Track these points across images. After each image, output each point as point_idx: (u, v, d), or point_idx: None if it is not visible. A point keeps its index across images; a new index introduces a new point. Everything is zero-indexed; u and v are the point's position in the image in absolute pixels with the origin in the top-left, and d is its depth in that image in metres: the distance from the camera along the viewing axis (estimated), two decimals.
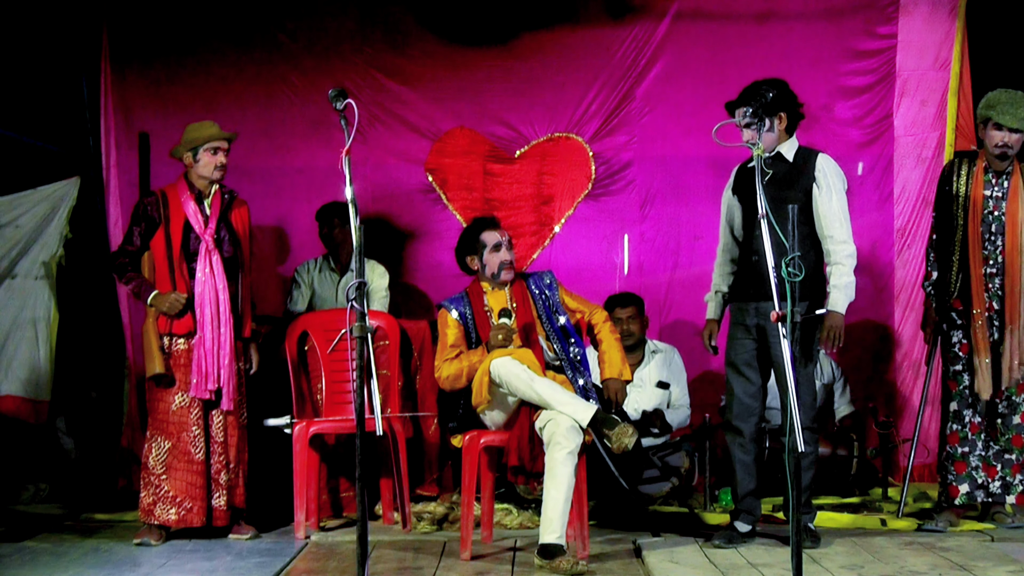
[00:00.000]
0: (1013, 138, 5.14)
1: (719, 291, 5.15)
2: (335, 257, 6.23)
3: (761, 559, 4.61)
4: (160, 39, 6.47)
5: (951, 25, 6.37)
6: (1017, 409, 5.23)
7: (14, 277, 6.08)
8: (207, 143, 5.13)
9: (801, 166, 4.88)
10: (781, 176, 4.86)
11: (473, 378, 4.85)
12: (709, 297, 5.19)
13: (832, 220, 4.82)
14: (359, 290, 3.63)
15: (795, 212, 3.86)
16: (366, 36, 6.61)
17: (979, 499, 5.30)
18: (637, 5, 6.57)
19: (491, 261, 5.09)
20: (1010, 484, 5.23)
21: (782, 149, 4.91)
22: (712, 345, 5.10)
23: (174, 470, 5.08)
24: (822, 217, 4.83)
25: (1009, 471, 5.24)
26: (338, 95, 3.84)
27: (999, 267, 5.20)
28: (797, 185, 4.85)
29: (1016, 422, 5.23)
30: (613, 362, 5.07)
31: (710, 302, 5.18)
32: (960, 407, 5.29)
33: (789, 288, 3.68)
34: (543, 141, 6.66)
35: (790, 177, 4.86)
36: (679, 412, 6.08)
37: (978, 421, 5.27)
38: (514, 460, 4.74)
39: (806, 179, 4.85)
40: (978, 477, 5.27)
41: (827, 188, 4.83)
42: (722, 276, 5.15)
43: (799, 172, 4.87)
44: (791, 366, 3.66)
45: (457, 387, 4.96)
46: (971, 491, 5.27)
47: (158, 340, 5.10)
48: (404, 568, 4.61)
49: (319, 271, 6.22)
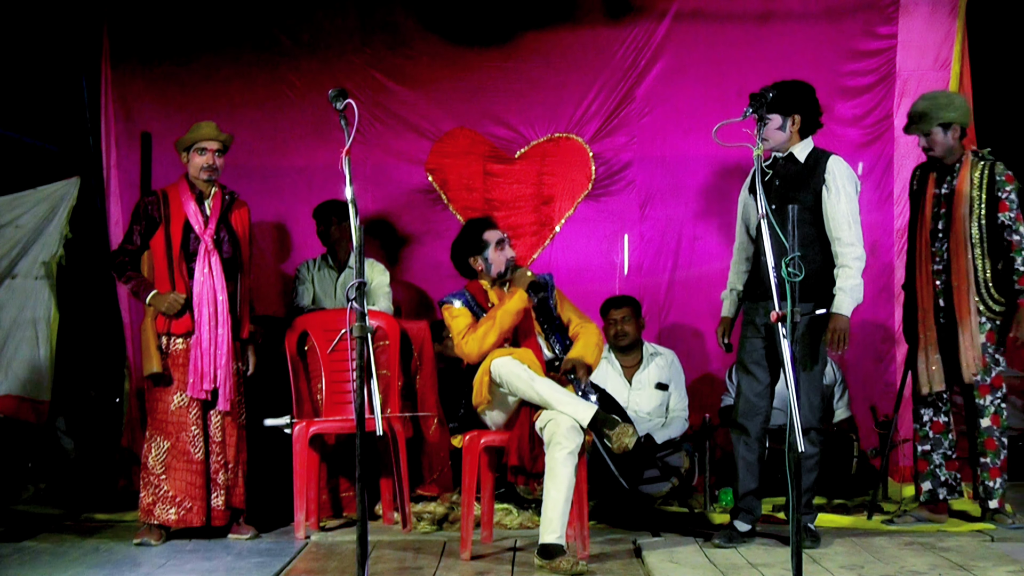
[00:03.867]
0: (926, 141, 5.26)
1: (734, 289, 5.18)
2: (333, 255, 6.24)
3: (761, 559, 4.61)
4: (160, 39, 6.47)
5: (951, 25, 6.37)
6: (984, 412, 5.22)
7: (14, 277, 6.09)
8: (196, 143, 5.15)
9: (812, 168, 4.88)
10: (792, 177, 4.88)
11: (504, 330, 4.85)
12: (724, 295, 5.23)
13: (840, 222, 4.82)
14: (359, 290, 3.63)
15: (795, 212, 3.87)
16: (366, 36, 6.61)
17: (941, 496, 5.32)
18: (637, 5, 6.57)
19: (497, 259, 5.07)
20: (991, 488, 5.22)
21: (795, 150, 4.92)
22: (726, 343, 5.13)
23: (173, 470, 5.08)
24: (830, 219, 4.83)
25: (988, 475, 5.22)
26: (338, 95, 3.84)
27: (944, 264, 5.22)
28: (807, 186, 4.86)
29: (985, 425, 5.22)
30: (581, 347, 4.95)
31: (725, 300, 5.21)
32: (918, 406, 5.35)
33: (789, 288, 3.69)
34: (543, 141, 6.66)
35: (800, 178, 4.88)
36: (675, 423, 6.06)
37: (942, 420, 5.29)
38: (514, 460, 4.74)
39: (816, 181, 4.85)
40: (941, 475, 5.30)
41: (836, 190, 4.82)
42: (737, 275, 5.18)
43: (809, 174, 4.88)
44: (791, 366, 3.67)
45: (487, 347, 4.83)
46: (934, 488, 5.31)
47: (156, 340, 5.11)
48: (404, 568, 4.61)
49: (318, 269, 6.23)
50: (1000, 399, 5.23)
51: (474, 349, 4.87)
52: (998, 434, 5.21)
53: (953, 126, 5.22)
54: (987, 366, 5.20)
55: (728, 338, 5.13)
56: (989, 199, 5.19)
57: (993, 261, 5.21)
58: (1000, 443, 5.22)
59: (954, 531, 5.17)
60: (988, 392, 5.22)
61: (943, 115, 5.20)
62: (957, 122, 5.23)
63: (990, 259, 5.21)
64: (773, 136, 4.87)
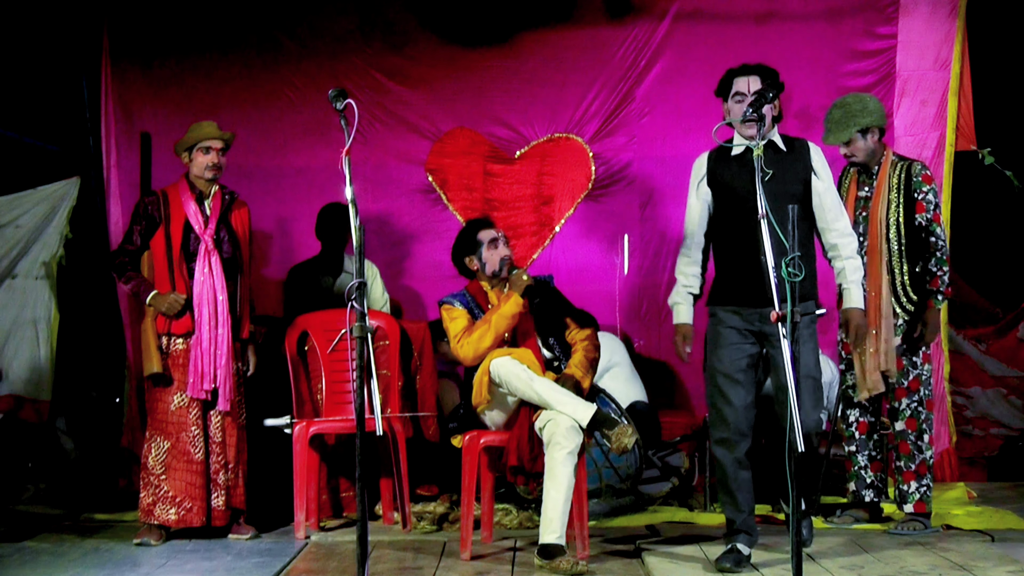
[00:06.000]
0: (848, 149, 5.24)
1: (691, 292, 4.73)
2: (335, 263, 6.15)
3: (761, 559, 4.61)
4: (161, 39, 6.47)
5: (951, 25, 6.37)
6: (899, 416, 5.20)
7: (14, 277, 6.09)
8: (199, 143, 5.15)
9: (795, 155, 4.59)
10: (776, 167, 4.48)
11: (499, 333, 4.84)
12: (677, 299, 4.74)
13: (836, 211, 4.61)
14: (359, 290, 3.63)
15: (795, 212, 3.79)
16: (366, 36, 6.61)
17: (867, 498, 5.34)
18: (637, 5, 6.57)
19: (491, 258, 5.08)
20: (906, 492, 5.19)
21: (773, 137, 4.59)
22: (687, 351, 4.68)
23: (173, 470, 5.09)
24: (824, 209, 4.58)
25: (901, 479, 5.21)
26: (338, 95, 3.84)
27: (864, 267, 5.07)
28: (795, 176, 4.55)
29: (899, 428, 5.21)
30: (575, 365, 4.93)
31: (679, 305, 4.73)
32: (846, 408, 5.37)
33: (789, 288, 3.64)
34: (543, 141, 6.66)
35: (784, 168, 4.52)
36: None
37: (867, 421, 5.31)
38: (514, 460, 4.74)
39: (802, 169, 4.57)
40: (866, 476, 5.33)
41: (826, 177, 4.60)
42: (690, 277, 4.71)
43: (793, 162, 4.57)
44: (791, 366, 3.62)
45: (482, 350, 4.85)
46: (857, 490, 5.34)
47: (156, 340, 5.11)
48: (404, 568, 4.62)
49: (311, 275, 6.15)
50: (917, 403, 5.18)
51: (469, 353, 4.89)
52: (913, 438, 5.17)
53: (871, 130, 5.20)
54: (904, 369, 5.17)
55: (691, 347, 4.67)
56: (907, 200, 5.16)
57: (912, 263, 5.18)
58: (916, 447, 5.17)
59: (953, 531, 5.17)
60: (904, 395, 5.19)
61: (860, 121, 5.17)
62: (875, 125, 5.20)
63: (908, 261, 5.17)
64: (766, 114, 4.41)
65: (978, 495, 5.99)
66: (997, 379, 7.07)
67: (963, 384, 6.95)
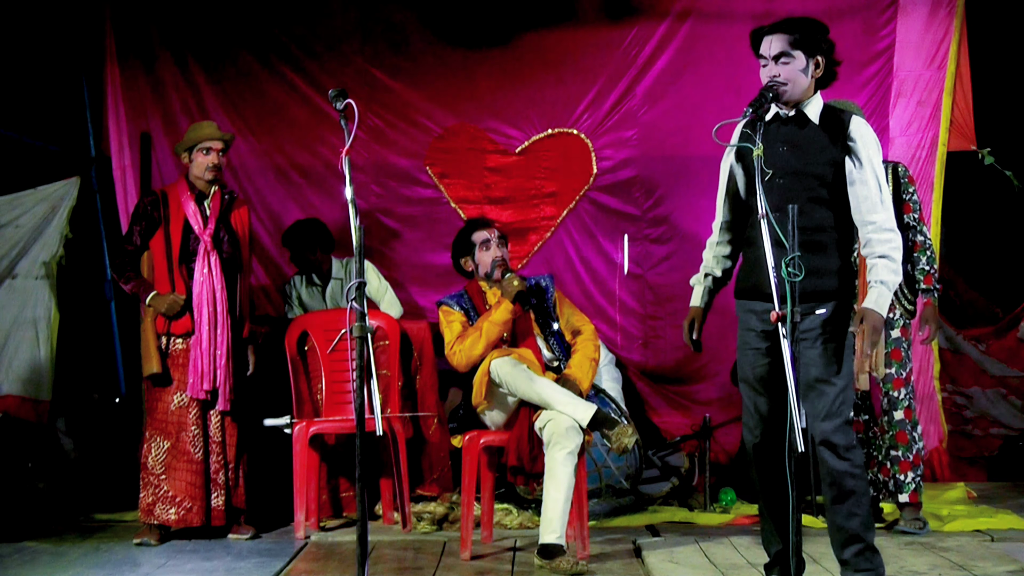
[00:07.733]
0: None
1: (710, 275, 4.21)
2: (318, 272, 6.12)
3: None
4: (162, 39, 6.46)
5: (949, 25, 6.36)
6: (898, 405, 5.22)
7: (14, 277, 6.08)
8: (199, 143, 5.16)
9: (829, 130, 3.90)
10: (802, 142, 3.91)
11: (490, 340, 4.84)
12: (696, 280, 4.23)
13: (872, 203, 3.85)
14: (359, 290, 3.63)
15: (795, 212, 3.63)
16: (367, 35, 6.60)
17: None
18: (637, 5, 6.56)
19: (483, 259, 5.09)
20: (902, 483, 5.21)
21: (807, 108, 3.94)
22: (694, 339, 4.14)
23: (173, 470, 5.09)
24: (860, 199, 3.86)
25: (898, 468, 5.22)
26: (338, 95, 3.83)
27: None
28: (823, 155, 3.89)
29: (899, 418, 5.23)
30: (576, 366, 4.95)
31: (696, 286, 4.21)
32: None
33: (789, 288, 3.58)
34: (543, 137, 6.65)
35: (814, 144, 3.90)
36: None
37: (862, 420, 5.31)
38: (513, 460, 4.74)
39: (836, 149, 3.88)
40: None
41: (865, 161, 3.86)
42: (717, 258, 4.20)
43: (826, 138, 3.90)
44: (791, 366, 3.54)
45: (474, 357, 4.87)
46: None
47: (156, 340, 5.11)
48: (404, 568, 4.62)
49: (304, 286, 6.13)
50: (911, 394, 5.23)
51: (462, 360, 4.91)
52: (909, 427, 5.20)
53: None
54: (902, 360, 5.21)
55: (697, 334, 4.12)
56: (895, 201, 5.14)
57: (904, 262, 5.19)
58: (911, 437, 5.20)
59: (953, 531, 5.18)
60: (902, 385, 5.22)
61: None
62: None
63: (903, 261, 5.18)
64: (795, 79, 3.89)
65: (978, 495, 5.99)
66: (997, 379, 7.07)
67: (963, 384, 6.94)
